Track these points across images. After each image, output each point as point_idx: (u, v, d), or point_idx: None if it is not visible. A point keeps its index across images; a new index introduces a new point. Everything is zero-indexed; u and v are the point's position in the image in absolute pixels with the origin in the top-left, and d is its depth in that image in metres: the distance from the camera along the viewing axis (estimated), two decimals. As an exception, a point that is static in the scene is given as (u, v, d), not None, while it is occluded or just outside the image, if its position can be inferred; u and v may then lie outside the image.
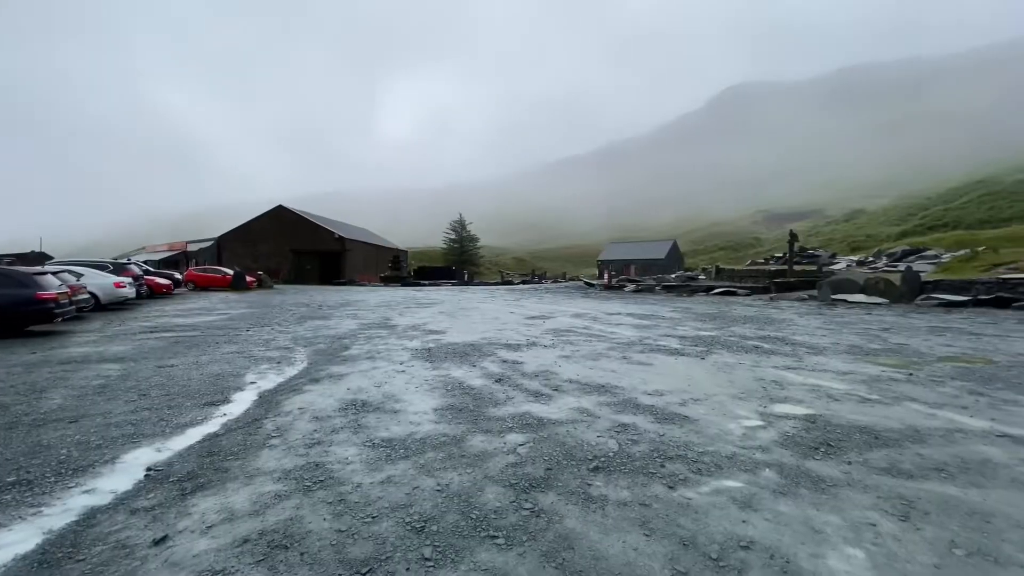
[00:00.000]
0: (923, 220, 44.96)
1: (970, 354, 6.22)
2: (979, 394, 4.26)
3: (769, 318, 10.86)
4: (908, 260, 24.91)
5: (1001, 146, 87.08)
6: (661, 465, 2.77)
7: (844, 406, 3.88)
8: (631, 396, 4.24)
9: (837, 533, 2.04)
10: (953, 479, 2.56)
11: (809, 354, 6.23)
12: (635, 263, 67.27)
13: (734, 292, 20.34)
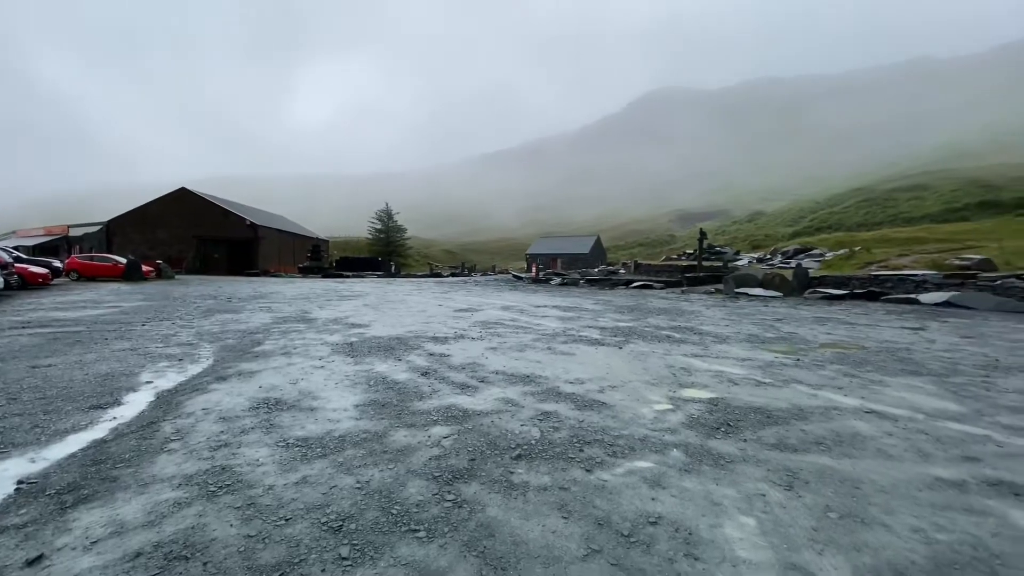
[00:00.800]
0: (812, 222, 50.29)
1: (846, 341, 7.08)
2: (852, 376, 4.87)
3: (680, 310, 11.65)
4: (799, 258, 27.76)
5: (876, 159, 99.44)
6: (580, 450, 2.89)
7: (742, 389, 4.27)
8: (554, 385, 4.37)
9: (733, 504, 2.26)
10: (829, 451, 2.91)
11: (714, 343, 6.78)
12: (561, 257, 69.14)
13: (651, 286, 21.57)
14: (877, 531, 2.04)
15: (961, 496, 2.36)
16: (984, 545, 1.95)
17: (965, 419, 3.53)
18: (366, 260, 48.78)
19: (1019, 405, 3.91)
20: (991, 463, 2.76)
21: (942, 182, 47.64)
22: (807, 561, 1.83)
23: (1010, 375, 4.99)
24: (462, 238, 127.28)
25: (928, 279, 14.71)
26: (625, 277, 25.80)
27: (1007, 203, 37.96)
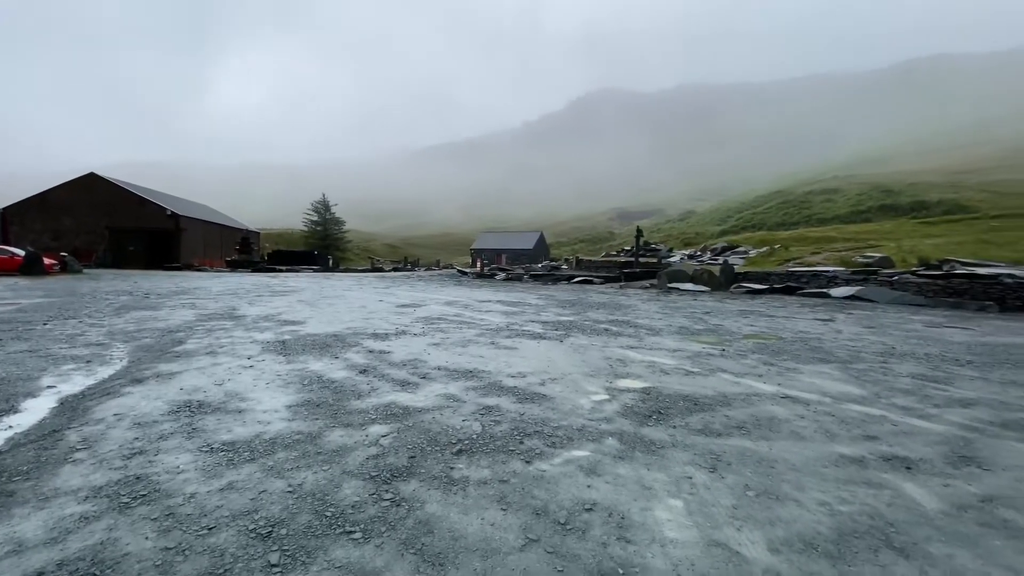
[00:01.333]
0: (738, 222, 53.66)
1: (766, 332, 7.63)
2: (770, 364, 5.26)
3: (618, 304, 12.07)
4: (726, 255, 29.55)
5: (795, 164, 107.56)
6: (520, 442, 2.93)
7: (673, 379, 4.50)
8: (496, 379, 4.40)
9: (663, 488, 2.38)
10: (749, 434, 3.14)
11: (648, 335, 7.09)
12: (506, 252, 69.47)
13: (591, 281, 22.18)
14: (789, 506, 2.23)
15: (861, 471, 2.63)
16: (880, 514, 2.18)
17: (865, 401, 3.93)
18: (302, 254, 46.59)
19: (911, 388, 4.39)
20: (887, 440, 3.08)
21: (850, 186, 52.41)
22: (727, 537, 1.96)
23: (904, 361, 5.59)
24: (404, 232, 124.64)
25: (838, 275, 16.15)
26: (567, 273, 26.36)
27: (904, 206, 42.39)
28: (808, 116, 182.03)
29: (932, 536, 2.00)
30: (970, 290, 12.75)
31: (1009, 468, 2.69)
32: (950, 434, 3.20)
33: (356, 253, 77.90)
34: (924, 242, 24.79)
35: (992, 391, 4.32)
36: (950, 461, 2.76)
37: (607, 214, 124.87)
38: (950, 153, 71.17)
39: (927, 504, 2.27)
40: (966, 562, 1.83)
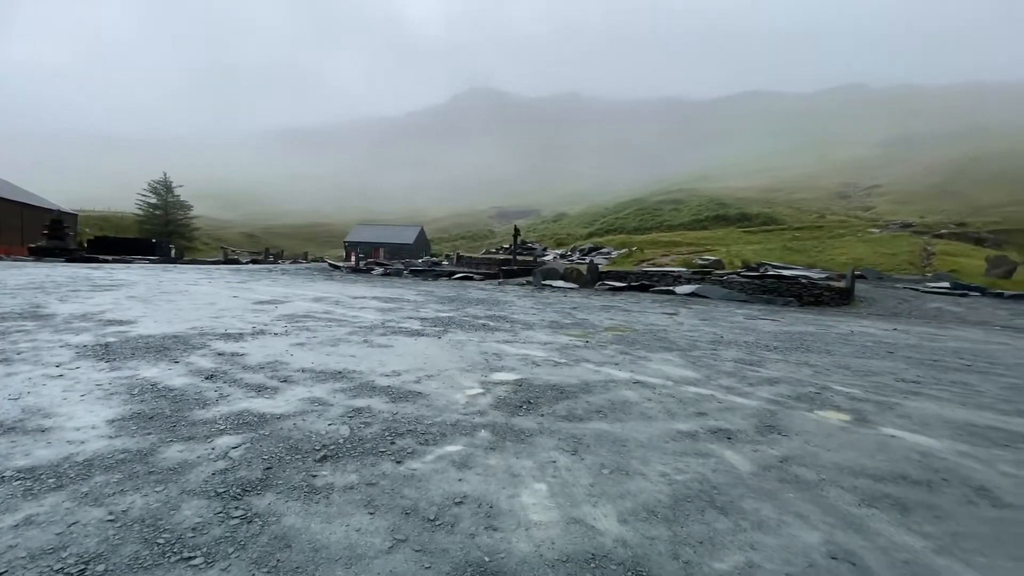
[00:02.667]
0: (602, 225, 58.44)
1: (623, 325, 8.44)
2: (626, 353, 5.84)
3: (496, 300, 12.39)
4: (592, 255, 31.99)
5: (649, 175, 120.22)
6: (392, 442, 2.86)
7: (543, 370, 4.76)
8: (369, 379, 4.23)
9: (529, 474, 2.50)
10: (606, 418, 3.44)
11: (523, 329, 7.40)
12: (384, 246, 66.93)
13: (471, 277, 22.42)
14: (636, 480, 2.50)
15: (694, 444, 3.04)
16: (707, 480, 2.55)
17: (699, 383, 4.56)
18: (134, 241, 39.71)
19: (733, 371, 5.19)
20: (714, 416, 3.61)
21: (692, 198, 60.33)
22: (584, 514, 2.14)
23: (729, 348, 6.59)
24: (265, 220, 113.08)
25: (681, 275, 18.46)
26: (448, 269, 26.30)
27: (732, 217, 49.96)
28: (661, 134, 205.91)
29: (745, 494, 2.40)
30: (778, 288, 15.48)
31: (800, 433, 3.33)
32: (760, 408, 3.86)
33: (206, 243, 68.80)
34: (746, 248, 29.46)
35: (790, 371, 5.31)
36: (759, 430, 3.33)
37: (487, 212, 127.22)
38: (765, 175, 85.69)
39: (742, 468, 2.71)
40: (769, 513, 2.23)
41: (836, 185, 70.99)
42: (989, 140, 77.38)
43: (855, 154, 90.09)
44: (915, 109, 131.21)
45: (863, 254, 27.39)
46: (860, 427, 3.49)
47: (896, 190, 62.21)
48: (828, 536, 2.04)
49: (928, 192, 57.46)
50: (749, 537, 2.01)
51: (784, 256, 26.92)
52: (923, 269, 23.25)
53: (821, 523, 2.15)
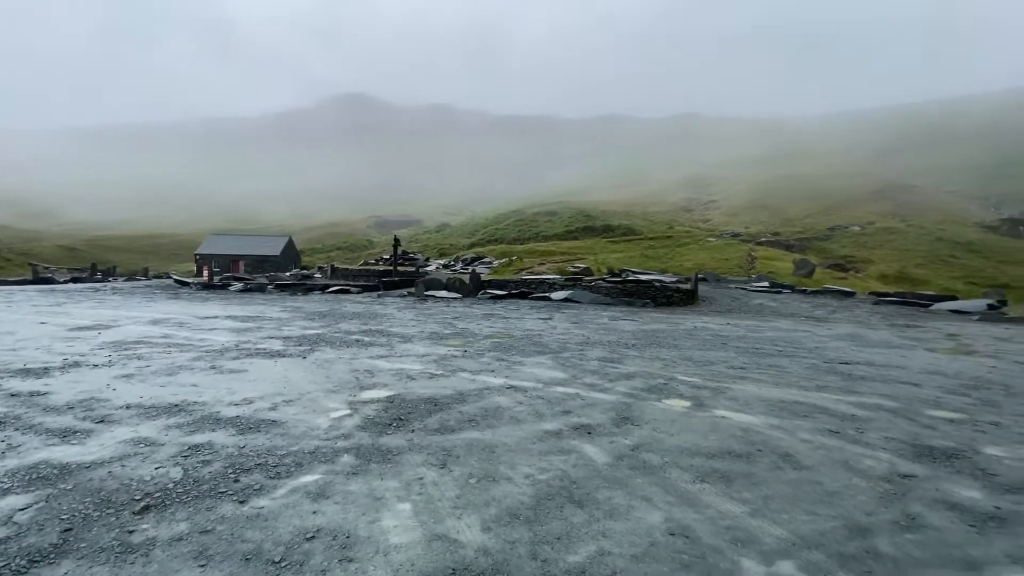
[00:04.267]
0: (484, 235, 59.59)
1: (502, 332, 8.63)
2: (502, 359, 5.96)
3: (374, 313, 11.87)
4: (475, 264, 32.40)
5: (525, 188, 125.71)
6: (235, 480, 2.54)
7: (418, 383, 4.64)
8: (213, 411, 3.73)
9: (393, 494, 2.40)
10: (478, 426, 3.45)
11: (400, 342, 7.17)
12: (245, 259, 60.44)
13: (348, 290, 21.23)
14: (503, 485, 2.53)
15: (558, 442, 3.18)
16: (568, 475, 2.67)
17: (566, 383, 4.81)
18: None
19: (597, 369, 5.58)
20: (577, 413, 3.83)
21: (564, 210, 64.40)
22: (448, 528, 2.10)
23: (594, 348, 7.08)
24: (89, 231, 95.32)
25: (556, 282, 19.52)
26: (322, 282, 24.59)
27: (599, 228, 54.31)
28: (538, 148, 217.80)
29: (600, 485, 2.56)
30: (637, 291, 17.12)
31: (650, 422, 3.68)
32: (618, 402, 4.19)
33: (7, 258, 55.78)
34: (611, 256, 32.16)
35: (644, 365, 5.87)
36: (615, 422, 3.61)
37: (365, 221, 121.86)
38: (625, 190, 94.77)
39: (599, 460, 2.90)
40: (620, 500, 2.40)
41: (681, 200, 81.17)
42: (795, 164, 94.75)
43: (695, 173, 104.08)
44: (738, 136, 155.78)
45: (704, 260, 31.60)
46: (698, 411, 3.97)
47: (727, 205, 73.08)
48: (668, 514, 2.26)
49: (750, 206, 68.50)
50: (602, 526, 2.14)
51: (642, 263, 29.93)
52: (749, 271, 27.57)
53: (663, 503, 2.38)
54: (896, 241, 42.22)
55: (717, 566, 1.88)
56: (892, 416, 3.94)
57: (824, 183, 74.89)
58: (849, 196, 65.85)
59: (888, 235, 44.41)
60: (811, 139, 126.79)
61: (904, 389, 4.91)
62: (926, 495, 2.54)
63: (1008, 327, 12.43)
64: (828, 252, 38.24)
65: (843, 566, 1.90)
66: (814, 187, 72.99)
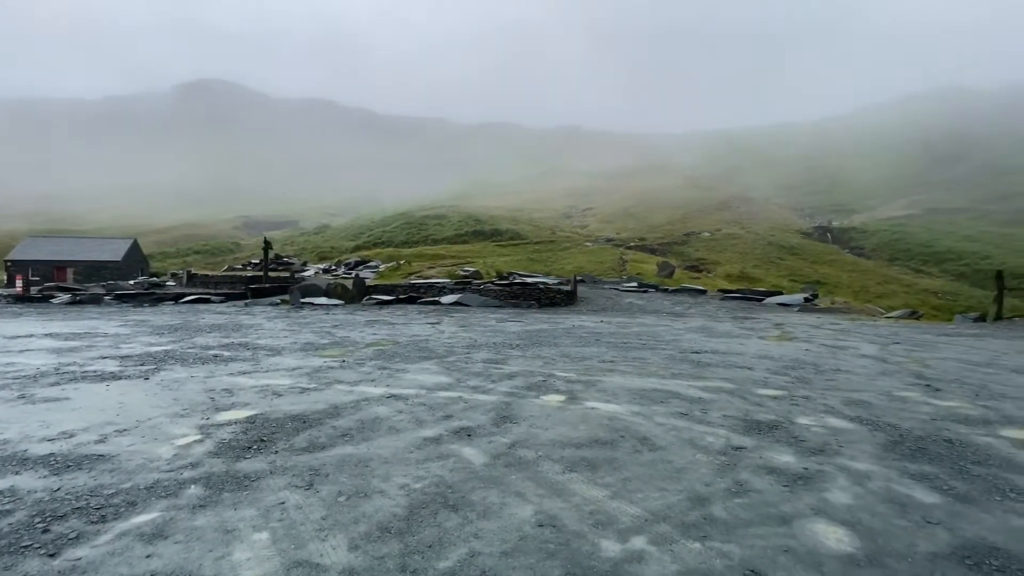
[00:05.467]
0: (370, 238, 57.27)
1: (386, 339, 8.35)
2: (384, 368, 5.76)
3: (239, 324, 10.74)
4: (359, 269, 30.96)
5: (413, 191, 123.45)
6: (45, 530, 2.12)
7: (286, 399, 4.29)
8: (17, 450, 3.07)
9: (249, 524, 2.18)
10: (352, 440, 3.29)
11: (267, 356, 6.57)
12: (76, 265, 50.93)
13: (209, 299, 18.94)
14: (375, 499, 2.44)
15: (437, 448, 3.16)
16: (444, 481, 2.66)
17: (450, 387, 4.80)
18: None
19: (481, 371, 5.64)
20: (459, 416, 3.83)
21: (453, 214, 64.44)
22: (311, 552, 1.97)
23: (480, 350, 7.17)
24: None
25: (446, 285, 19.43)
26: (176, 291, 21.59)
27: (488, 232, 55.23)
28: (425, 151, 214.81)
29: (476, 486, 2.59)
30: (523, 293, 17.73)
31: (528, 419, 3.81)
32: (499, 402, 4.28)
33: None
34: (499, 259, 32.92)
35: (527, 364, 6.08)
36: (495, 422, 3.68)
37: (231, 222, 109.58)
38: (512, 196, 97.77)
39: (476, 461, 2.93)
40: (494, 499, 2.45)
41: (562, 207, 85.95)
42: (658, 177, 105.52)
43: (574, 183, 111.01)
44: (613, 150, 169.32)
45: (583, 263, 33.79)
46: (571, 405, 4.21)
47: (602, 213, 79.02)
48: (539, 507, 2.36)
49: (622, 215, 74.88)
50: (475, 527, 2.17)
51: (528, 266, 31.09)
52: (620, 273, 30.07)
53: (534, 496, 2.48)
54: (738, 246, 49.09)
55: (579, 550, 2.00)
56: (730, 397, 4.56)
57: (681, 194, 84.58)
58: (701, 207, 75.21)
59: (732, 240, 51.46)
60: (671, 155, 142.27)
61: (740, 373, 5.72)
62: (752, 463, 2.98)
63: (819, 316, 15.12)
64: (685, 255, 43.18)
65: (685, 534, 2.15)
66: (673, 198, 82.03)
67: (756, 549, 2.03)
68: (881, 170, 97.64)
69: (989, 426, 3.76)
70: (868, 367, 6.25)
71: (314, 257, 46.78)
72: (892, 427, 3.69)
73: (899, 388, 5.04)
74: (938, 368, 6.25)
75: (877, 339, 9.31)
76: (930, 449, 3.23)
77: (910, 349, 8.00)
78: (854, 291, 32.50)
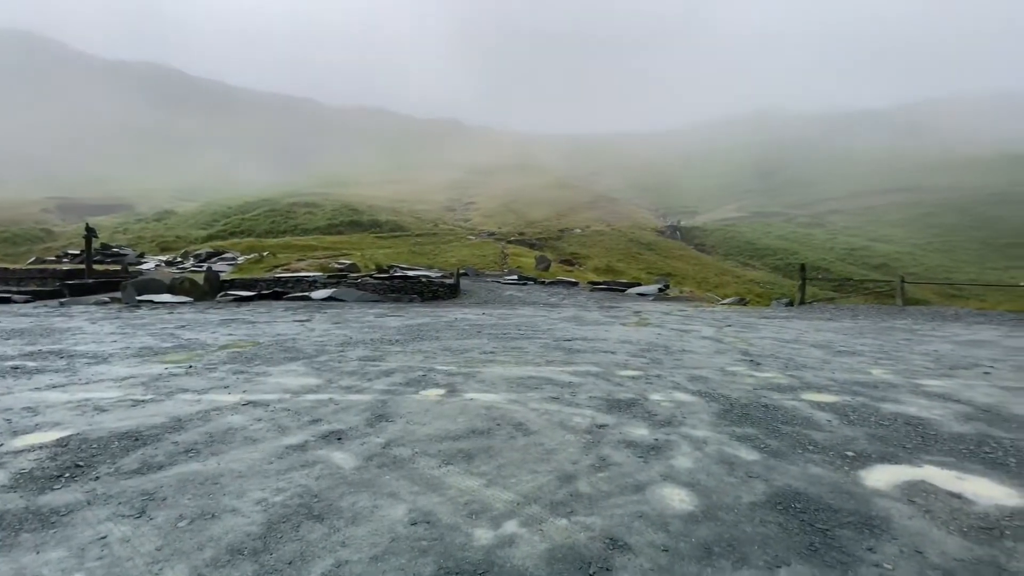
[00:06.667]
0: (226, 226, 51.13)
1: (245, 340, 7.52)
2: (240, 372, 5.17)
3: (51, 328, 8.84)
4: (212, 261, 27.51)
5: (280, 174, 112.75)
6: None
7: (112, 415, 3.63)
8: None
9: (56, 569, 1.79)
10: (199, 455, 2.90)
11: (89, 364, 5.51)
12: None
13: (9, 299, 15.31)
14: (226, 519, 2.17)
15: (302, 455, 2.92)
16: (309, 490, 2.46)
17: (319, 389, 4.48)
18: None
19: (356, 369, 5.36)
20: (328, 419, 3.59)
21: (326, 202, 60.23)
22: (140, 590, 1.69)
23: (356, 347, 6.81)
24: None
25: (317, 279, 18.10)
26: (-52, 289, 17.01)
27: (365, 223, 52.65)
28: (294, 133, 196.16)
29: (346, 492, 2.45)
30: (405, 287, 17.26)
31: (405, 415, 3.71)
32: (375, 401, 4.11)
33: None
34: (379, 251, 31.65)
35: (406, 360, 5.92)
36: (369, 422, 3.52)
37: (40, 204, 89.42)
38: (392, 186, 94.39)
39: (346, 465, 2.78)
40: (365, 503, 2.34)
41: (445, 200, 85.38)
42: (535, 175, 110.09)
43: (456, 176, 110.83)
44: (493, 145, 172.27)
45: (466, 256, 33.96)
46: (451, 397, 4.20)
47: (484, 207, 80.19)
48: (412, 504, 2.31)
49: (502, 210, 76.79)
50: (342, 536, 2.05)
51: (410, 259, 30.35)
52: (502, 266, 30.84)
53: (408, 494, 2.42)
54: (604, 241, 53.33)
55: (453, 542, 2.00)
56: (596, 379, 4.93)
57: (555, 193, 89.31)
58: (573, 205, 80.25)
59: (599, 236, 55.74)
60: (541, 155, 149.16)
61: (605, 357, 6.22)
62: (613, 439, 3.25)
63: (670, 304, 17.06)
64: (560, 250, 45.74)
65: (553, 512, 2.26)
66: (548, 196, 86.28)
67: (615, 518, 2.22)
68: (717, 178, 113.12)
69: (794, 392, 4.57)
70: (707, 347, 7.21)
71: (155, 248, 40.39)
72: (724, 397, 4.30)
73: (730, 364, 5.90)
74: (759, 346, 7.44)
75: (714, 322, 10.79)
76: (752, 414, 3.83)
77: (739, 330, 9.41)
78: (697, 281, 37.32)
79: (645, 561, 1.91)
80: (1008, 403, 4.26)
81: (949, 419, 3.76)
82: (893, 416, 3.81)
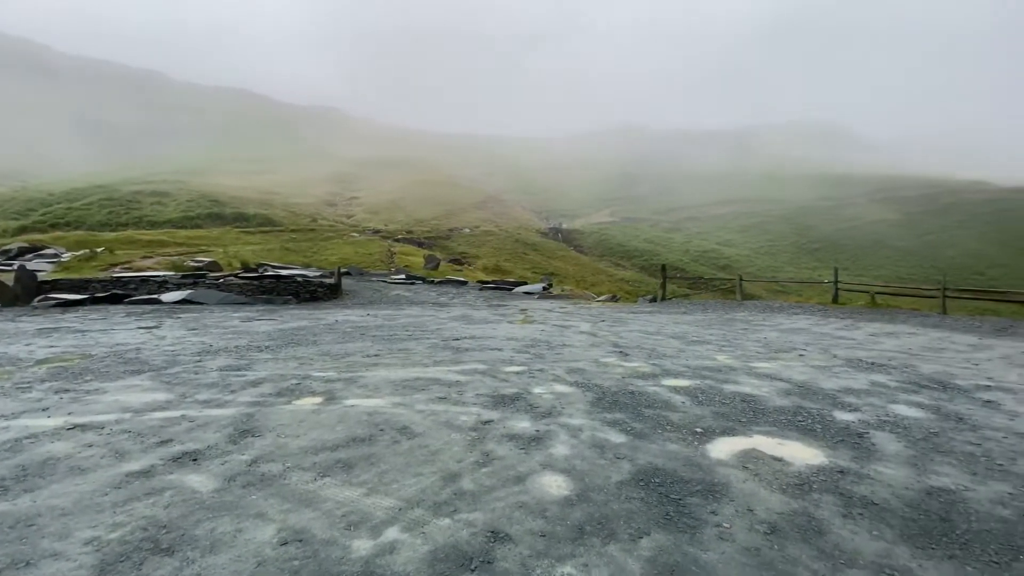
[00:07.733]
0: (46, 216, 42.45)
1: (71, 352, 6.32)
2: (65, 391, 4.34)
3: None
4: (26, 258, 22.72)
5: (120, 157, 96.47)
6: None
7: None
8: None
9: None
10: (7, 494, 2.39)
11: None
12: None
13: None
14: (44, 566, 1.82)
15: (147, 482, 2.55)
16: (157, 521, 2.16)
17: (170, 405, 3.94)
18: None
19: (216, 381, 4.80)
20: (181, 439, 3.17)
21: (180, 192, 52.83)
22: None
23: (217, 356, 6.09)
24: None
25: (169, 279, 15.83)
26: None
27: (229, 216, 47.22)
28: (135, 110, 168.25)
29: (202, 518, 2.19)
30: (277, 288, 15.85)
31: (275, 428, 3.42)
32: (239, 414, 3.72)
33: None
34: (245, 248, 28.67)
35: (277, 368, 5.45)
36: (232, 439, 3.19)
37: None
38: (261, 177, 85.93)
39: (204, 488, 2.49)
40: (226, 528, 2.12)
41: (325, 194, 79.95)
42: (424, 172, 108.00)
43: (337, 168, 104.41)
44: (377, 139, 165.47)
45: (348, 254, 32.20)
46: (328, 405, 3.97)
47: (369, 203, 76.72)
48: (282, 524, 2.15)
49: (389, 207, 74.19)
50: (197, 567, 1.83)
51: (283, 256, 27.94)
52: (388, 265, 29.83)
53: (277, 513, 2.24)
54: (493, 241, 54.36)
55: (329, 557, 1.90)
56: (483, 377, 5.02)
57: (445, 191, 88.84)
58: (463, 204, 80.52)
59: (488, 236, 56.67)
60: (431, 152, 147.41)
61: (492, 354, 6.35)
62: (497, 433, 3.34)
63: (552, 301, 17.93)
64: (449, 249, 45.61)
65: (436, 513, 2.26)
66: (438, 194, 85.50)
67: (497, 511, 2.29)
68: (592, 185, 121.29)
69: (655, 379, 5.10)
70: (584, 341, 7.73)
71: (-65, 241, 32.01)
72: (597, 387, 4.66)
73: (603, 356, 6.40)
74: (627, 338, 8.17)
75: (590, 318, 11.60)
76: (620, 400, 4.20)
77: (611, 325, 10.23)
78: (576, 280, 39.76)
79: (524, 549, 2.00)
80: (817, 379, 5.21)
81: (773, 395, 4.49)
82: (732, 395, 4.45)
